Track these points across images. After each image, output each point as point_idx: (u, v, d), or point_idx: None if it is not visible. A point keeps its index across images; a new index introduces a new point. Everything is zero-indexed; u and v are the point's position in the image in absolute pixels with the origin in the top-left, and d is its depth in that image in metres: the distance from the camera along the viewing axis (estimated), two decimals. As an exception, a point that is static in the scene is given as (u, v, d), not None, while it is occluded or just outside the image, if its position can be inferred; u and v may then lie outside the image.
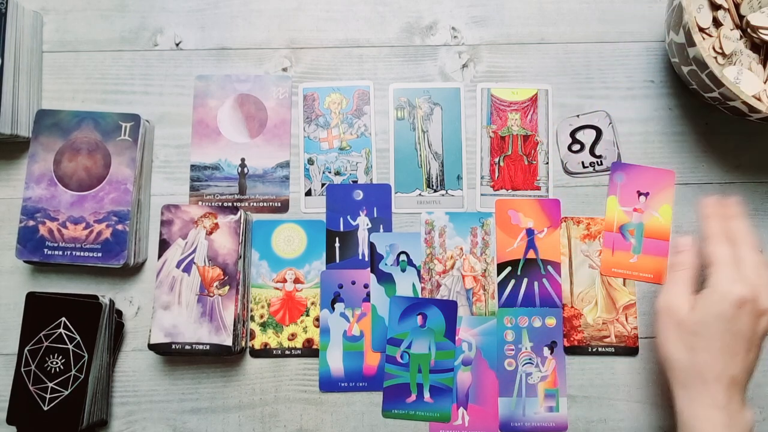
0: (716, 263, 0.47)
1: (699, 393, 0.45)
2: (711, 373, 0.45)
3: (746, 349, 0.45)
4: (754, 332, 0.45)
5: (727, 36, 0.55)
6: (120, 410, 0.56)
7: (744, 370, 0.45)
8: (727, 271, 0.46)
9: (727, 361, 0.45)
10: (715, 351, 0.45)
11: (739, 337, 0.45)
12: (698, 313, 0.46)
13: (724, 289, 0.45)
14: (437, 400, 0.55)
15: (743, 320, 0.44)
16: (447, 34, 0.61)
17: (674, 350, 0.47)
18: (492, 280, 0.57)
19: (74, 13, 0.62)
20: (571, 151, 0.59)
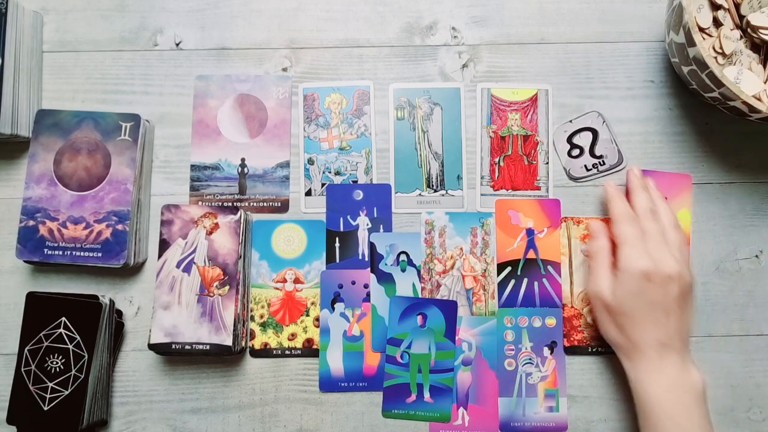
0: (621, 244, 0.51)
1: (639, 361, 0.49)
2: (642, 343, 0.49)
3: (665, 315, 0.49)
4: (667, 298, 0.49)
5: (727, 36, 0.55)
6: (120, 410, 0.56)
7: (670, 334, 0.49)
8: (629, 249, 0.50)
9: (650, 329, 0.49)
10: (639, 324, 0.49)
11: (654, 306, 0.49)
12: (617, 294, 0.50)
13: (628, 267, 0.49)
14: (437, 400, 0.55)
15: (653, 290, 0.49)
16: (447, 34, 0.61)
17: (610, 330, 0.52)
18: (492, 280, 0.57)
19: (74, 13, 0.62)
20: (571, 156, 0.59)
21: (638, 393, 0.49)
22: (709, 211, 0.59)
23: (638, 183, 0.54)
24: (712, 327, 0.57)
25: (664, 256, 0.49)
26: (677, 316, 0.49)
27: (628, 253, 0.50)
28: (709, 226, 0.58)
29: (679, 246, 0.51)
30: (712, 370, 0.57)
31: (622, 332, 0.50)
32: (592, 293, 0.52)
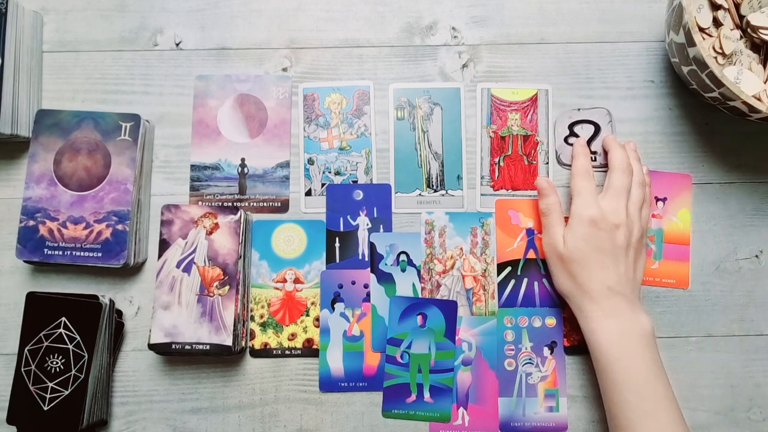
0: (575, 195, 0.53)
1: (590, 310, 0.51)
2: (591, 289, 0.51)
3: (613, 262, 0.51)
4: (614, 245, 0.51)
5: (727, 36, 0.55)
6: (120, 410, 0.56)
7: (619, 281, 0.50)
8: (579, 199, 0.52)
9: (599, 274, 0.50)
10: (588, 270, 0.51)
11: (602, 252, 0.50)
12: (568, 243, 0.52)
13: (577, 214, 0.52)
14: (437, 400, 0.55)
15: (600, 236, 0.50)
16: (447, 34, 0.61)
17: (563, 281, 0.53)
18: (492, 280, 0.57)
19: (74, 13, 0.62)
20: (567, 143, 0.59)
21: (591, 341, 0.51)
22: (709, 211, 0.59)
23: (616, 142, 0.55)
24: (712, 327, 0.57)
25: (614, 207, 0.51)
26: (625, 264, 0.51)
27: (578, 202, 0.52)
28: (709, 226, 0.58)
29: (637, 202, 0.53)
30: (712, 370, 0.57)
31: (573, 280, 0.52)
32: (547, 247, 0.54)
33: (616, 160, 0.53)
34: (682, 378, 0.56)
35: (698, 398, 0.56)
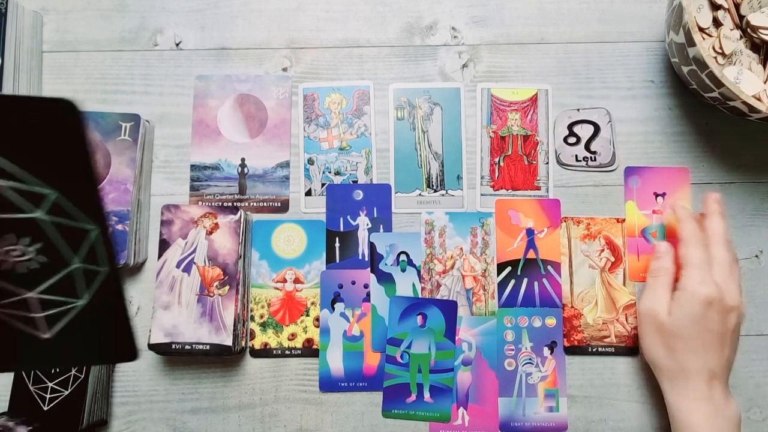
0: (687, 266, 0.50)
1: (684, 388, 0.49)
2: (692, 369, 0.48)
3: (720, 345, 0.48)
4: (725, 328, 0.48)
5: (727, 36, 0.55)
6: (120, 410, 0.56)
7: (721, 364, 0.49)
8: (696, 273, 0.49)
9: (704, 357, 0.48)
10: (692, 349, 0.48)
11: (712, 334, 0.48)
12: (674, 315, 0.49)
13: (693, 290, 0.48)
14: (437, 400, 0.55)
15: (713, 318, 0.48)
16: (447, 34, 0.61)
17: (657, 352, 0.50)
18: (492, 280, 0.57)
19: (74, 13, 0.62)
20: (566, 143, 0.59)
21: (678, 418, 0.48)
22: (709, 211, 0.59)
23: (719, 209, 0.52)
24: (712, 327, 0.57)
25: (730, 287, 0.49)
26: (730, 348, 0.49)
27: (693, 275, 0.49)
28: (709, 226, 0.58)
29: (739, 279, 0.50)
30: (712, 370, 0.57)
31: (671, 355, 0.49)
32: (646, 310, 0.51)
33: (719, 230, 0.51)
34: (682, 378, 0.56)
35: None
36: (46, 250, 0.25)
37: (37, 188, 0.24)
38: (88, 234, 0.26)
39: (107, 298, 0.27)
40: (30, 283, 0.26)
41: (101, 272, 0.27)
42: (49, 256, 0.25)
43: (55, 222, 0.25)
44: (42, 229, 0.25)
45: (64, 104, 0.24)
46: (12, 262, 0.25)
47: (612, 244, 0.58)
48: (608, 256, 0.58)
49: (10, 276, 0.25)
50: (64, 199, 0.25)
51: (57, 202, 0.25)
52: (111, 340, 0.28)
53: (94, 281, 0.27)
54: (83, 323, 0.27)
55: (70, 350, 0.27)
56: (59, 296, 0.26)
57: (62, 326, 0.27)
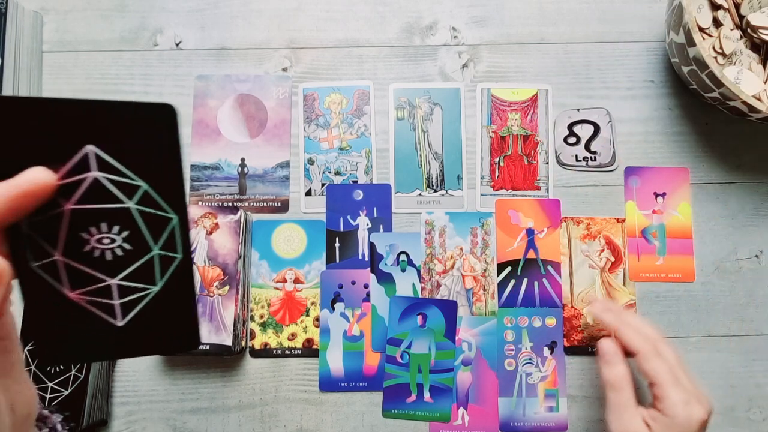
0: (661, 384, 0.44)
1: None
2: None
3: None
4: None
5: (727, 36, 0.55)
6: (120, 410, 0.56)
7: None
8: (675, 392, 0.43)
9: None
10: None
11: None
12: None
13: (687, 417, 0.43)
14: (437, 400, 0.55)
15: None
16: (447, 34, 0.61)
17: None
18: (492, 280, 0.57)
19: (74, 13, 0.62)
20: (566, 143, 0.59)
21: None
22: (709, 211, 0.59)
23: (614, 305, 0.49)
24: (712, 327, 0.57)
25: (699, 392, 0.44)
26: None
27: (674, 396, 0.43)
28: (709, 226, 0.58)
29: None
30: (712, 370, 0.57)
31: None
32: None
33: (652, 334, 0.47)
34: (682, 378, 0.56)
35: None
36: (132, 238, 0.27)
37: (131, 180, 0.26)
38: (169, 222, 0.27)
39: (179, 285, 0.28)
40: (113, 270, 0.27)
41: (176, 259, 0.28)
42: (133, 244, 0.27)
43: (142, 211, 0.27)
44: (131, 217, 0.27)
45: (166, 108, 0.26)
46: (101, 249, 0.26)
47: (612, 244, 0.58)
48: (608, 256, 0.58)
49: (97, 263, 0.26)
50: (152, 190, 0.27)
51: (147, 193, 0.27)
52: (177, 327, 0.29)
53: (168, 268, 0.28)
54: (154, 310, 0.28)
55: (140, 338, 0.28)
56: (137, 283, 0.27)
57: (135, 313, 0.28)
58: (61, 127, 0.25)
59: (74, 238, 0.26)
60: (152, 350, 0.29)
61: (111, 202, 0.26)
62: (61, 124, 0.25)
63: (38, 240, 0.26)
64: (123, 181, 0.26)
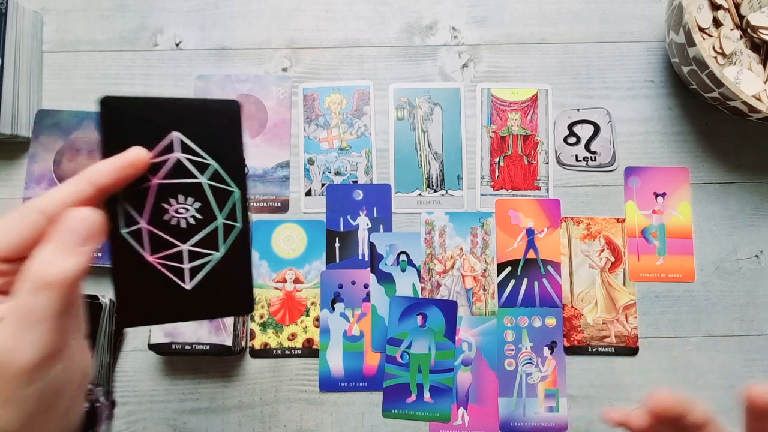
0: None
1: None
2: None
3: None
4: None
5: (727, 36, 0.55)
6: (120, 410, 0.56)
7: None
8: None
9: None
10: None
11: None
12: None
13: None
14: (437, 400, 0.55)
15: None
16: (447, 34, 0.61)
17: None
18: (492, 280, 0.57)
19: (74, 13, 0.62)
20: (566, 143, 0.59)
21: None
22: (709, 211, 0.59)
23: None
24: (712, 327, 0.57)
25: None
26: None
27: None
28: (709, 226, 0.58)
29: None
30: (712, 370, 0.57)
31: None
32: None
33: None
34: (682, 378, 0.56)
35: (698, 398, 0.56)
36: (202, 209, 0.32)
37: (204, 160, 0.32)
38: (232, 195, 0.33)
39: (238, 252, 0.33)
40: (185, 237, 0.32)
41: (236, 228, 0.33)
42: (203, 214, 0.32)
43: (212, 185, 0.32)
44: (203, 191, 0.32)
45: (233, 103, 0.33)
46: (177, 218, 0.31)
47: (612, 244, 0.58)
48: (608, 256, 0.58)
49: (173, 230, 0.31)
50: (220, 168, 0.32)
51: (216, 170, 0.32)
52: (235, 291, 0.33)
53: (230, 236, 0.33)
54: (216, 274, 0.32)
55: (203, 301, 0.32)
56: (204, 249, 0.32)
57: (201, 277, 0.32)
58: (154, 118, 0.31)
59: (157, 208, 0.31)
60: (213, 313, 0.33)
61: (188, 178, 0.32)
62: (154, 115, 0.31)
63: (129, 209, 0.31)
64: (198, 160, 0.32)
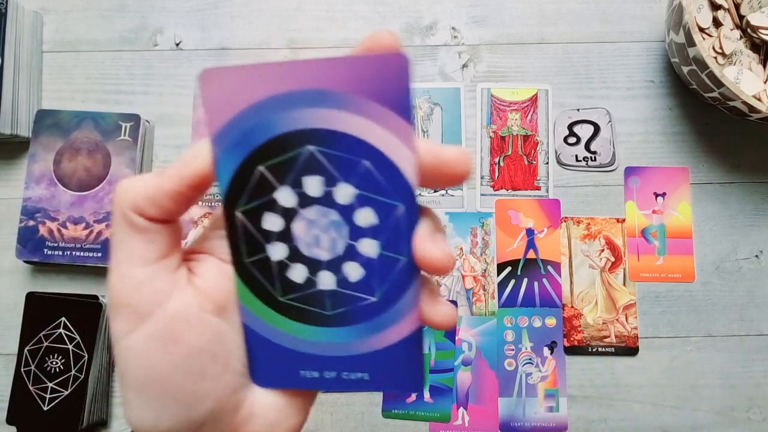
0: None
1: None
2: None
3: None
4: None
5: (727, 36, 0.55)
6: (120, 410, 0.56)
7: None
8: None
9: None
10: None
11: None
12: None
13: None
14: (437, 400, 0.55)
15: None
16: (447, 34, 0.61)
17: None
18: (492, 280, 0.57)
19: (74, 13, 0.62)
20: (566, 143, 0.59)
21: None
22: (709, 211, 0.59)
23: None
24: (712, 327, 0.57)
25: None
26: None
27: None
28: (709, 226, 0.58)
29: None
30: (712, 370, 0.57)
31: None
32: None
33: None
34: (682, 378, 0.56)
35: (698, 398, 0.56)
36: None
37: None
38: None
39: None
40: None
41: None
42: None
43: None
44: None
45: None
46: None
47: (612, 244, 0.58)
48: (608, 256, 0.58)
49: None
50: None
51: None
52: None
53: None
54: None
55: None
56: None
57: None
58: None
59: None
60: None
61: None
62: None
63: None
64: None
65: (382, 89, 0.19)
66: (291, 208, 0.21)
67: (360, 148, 0.20)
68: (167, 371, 0.19)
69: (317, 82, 0.19)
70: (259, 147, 0.20)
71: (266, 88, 0.20)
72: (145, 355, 0.19)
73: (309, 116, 0.20)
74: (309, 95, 0.20)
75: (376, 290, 0.21)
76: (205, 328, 0.20)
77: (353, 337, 0.22)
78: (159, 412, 0.20)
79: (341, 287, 0.21)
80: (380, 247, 0.21)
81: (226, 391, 0.21)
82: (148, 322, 0.19)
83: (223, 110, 0.20)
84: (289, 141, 0.20)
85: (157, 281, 0.20)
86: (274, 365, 0.22)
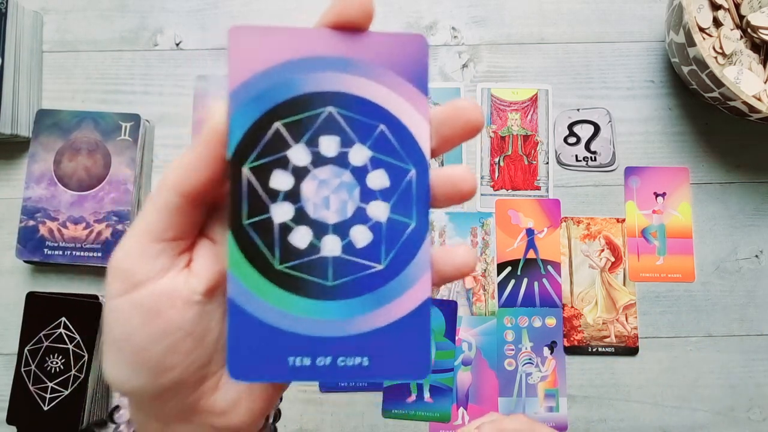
0: None
1: None
2: None
3: None
4: None
5: (727, 36, 0.55)
6: (120, 410, 0.56)
7: None
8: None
9: None
10: None
11: None
12: None
13: None
14: (437, 400, 0.55)
15: None
16: (447, 34, 0.61)
17: None
18: (492, 280, 0.57)
19: (74, 13, 0.62)
20: (566, 143, 0.59)
21: None
22: (709, 211, 0.59)
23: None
24: (712, 327, 0.57)
25: None
26: None
27: None
28: (709, 226, 0.58)
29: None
30: (712, 370, 0.57)
31: None
32: None
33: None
34: (682, 378, 0.56)
35: (698, 398, 0.56)
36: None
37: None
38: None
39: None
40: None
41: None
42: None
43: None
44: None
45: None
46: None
47: (612, 244, 0.58)
48: (608, 256, 0.58)
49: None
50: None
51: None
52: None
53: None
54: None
55: None
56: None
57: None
58: None
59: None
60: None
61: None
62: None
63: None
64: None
65: (404, 63, 0.21)
66: (303, 166, 0.21)
67: (379, 113, 0.21)
68: (142, 340, 0.20)
69: (344, 51, 0.21)
70: (279, 104, 0.20)
71: (294, 51, 0.20)
72: (127, 321, 0.20)
73: (333, 80, 0.21)
74: (335, 61, 0.21)
75: (383, 257, 0.21)
76: (189, 310, 0.21)
77: (354, 312, 0.21)
78: (129, 373, 0.21)
79: (346, 253, 0.21)
80: (390, 210, 0.21)
81: (195, 365, 0.21)
82: (137, 291, 0.20)
83: (247, 67, 0.20)
84: (310, 101, 0.21)
85: (161, 258, 0.21)
86: (259, 351, 0.20)
